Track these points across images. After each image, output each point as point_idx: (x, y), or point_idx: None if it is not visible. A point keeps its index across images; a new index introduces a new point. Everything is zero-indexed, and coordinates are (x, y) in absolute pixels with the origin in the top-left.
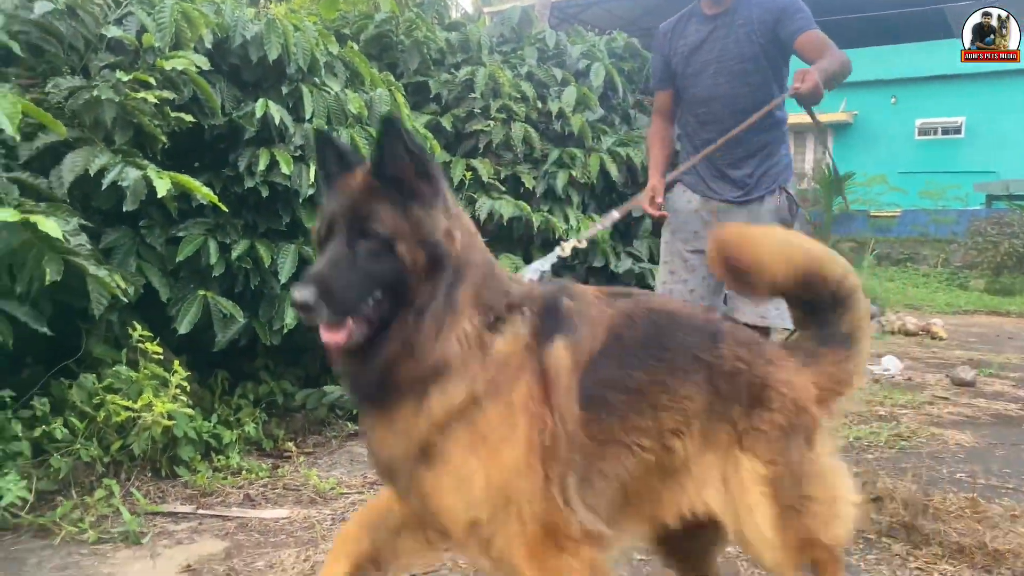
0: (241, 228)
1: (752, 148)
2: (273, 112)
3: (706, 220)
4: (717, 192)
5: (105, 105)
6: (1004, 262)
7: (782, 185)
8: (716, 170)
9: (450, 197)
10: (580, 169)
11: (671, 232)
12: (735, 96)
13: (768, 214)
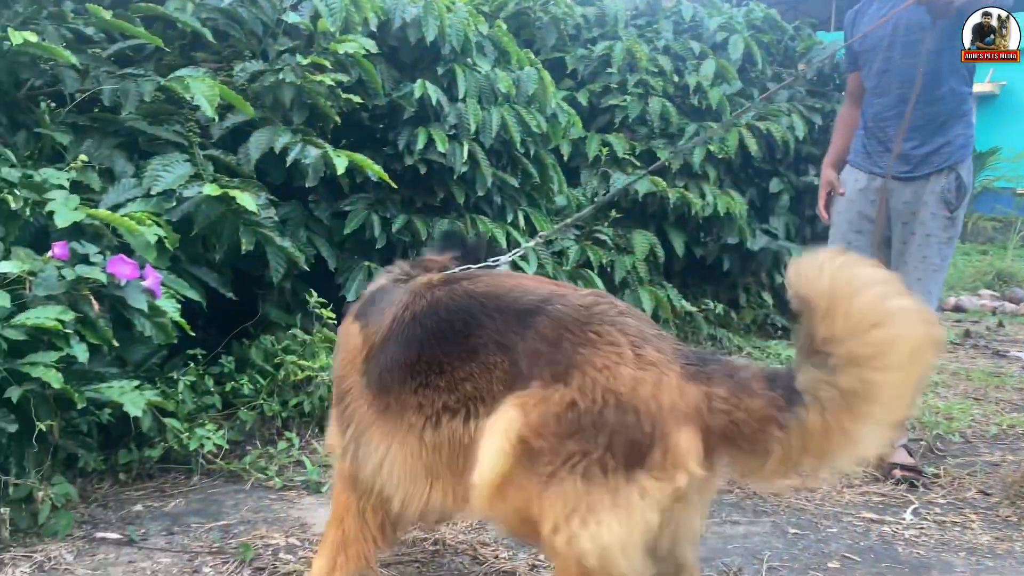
0: (400, 203)
1: (920, 120)
2: (430, 92)
3: (872, 200)
4: (882, 167)
5: (285, 87)
6: None
7: (953, 165)
8: (881, 144)
9: None
10: (718, 144)
11: (837, 213)
12: (907, 67)
13: (932, 194)
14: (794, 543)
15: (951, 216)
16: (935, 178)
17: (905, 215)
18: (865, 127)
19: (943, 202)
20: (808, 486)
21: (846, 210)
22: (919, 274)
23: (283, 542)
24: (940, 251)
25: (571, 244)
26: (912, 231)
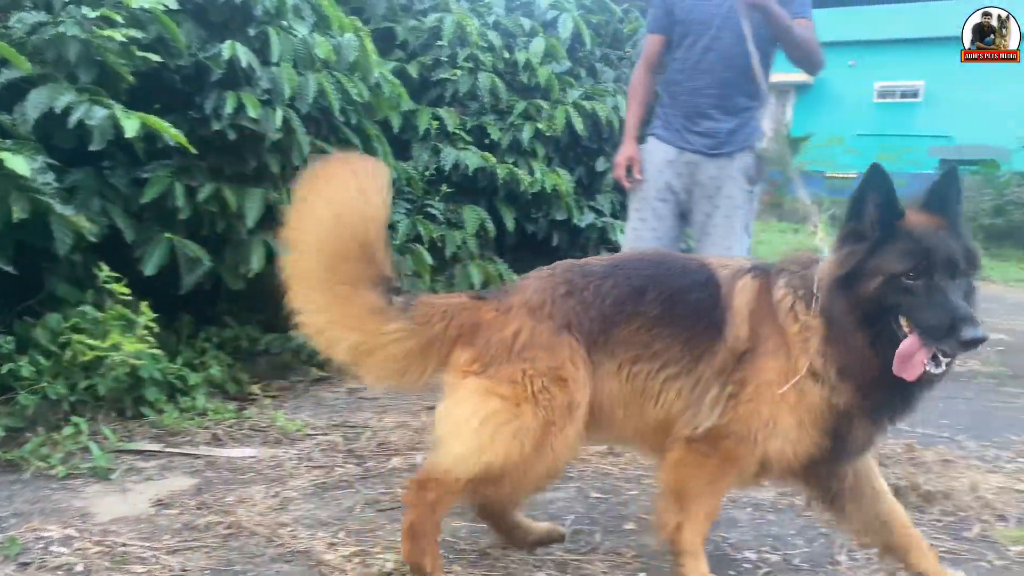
0: (207, 171)
1: (734, 108)
2: (240, 54)
3: (679, 172)
4: (691, 144)
5: (70, 42)
6: None
7: (752, 144)
8: (694, 123)
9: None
10: (546, 122)
11: (645, 181)
12: (733, 54)
13: (737, 171)
14: (595, 507)
15: (752, 190)
16: (739, 156)
17: (710, 189)
18: (675, 101)
19: (746, 177)
20: (614, 452)
21: (653, 180)
22: (728, 243)
23: (58, 534)
24: (745, 223)
25: (402, 218)
26: (717, 204)
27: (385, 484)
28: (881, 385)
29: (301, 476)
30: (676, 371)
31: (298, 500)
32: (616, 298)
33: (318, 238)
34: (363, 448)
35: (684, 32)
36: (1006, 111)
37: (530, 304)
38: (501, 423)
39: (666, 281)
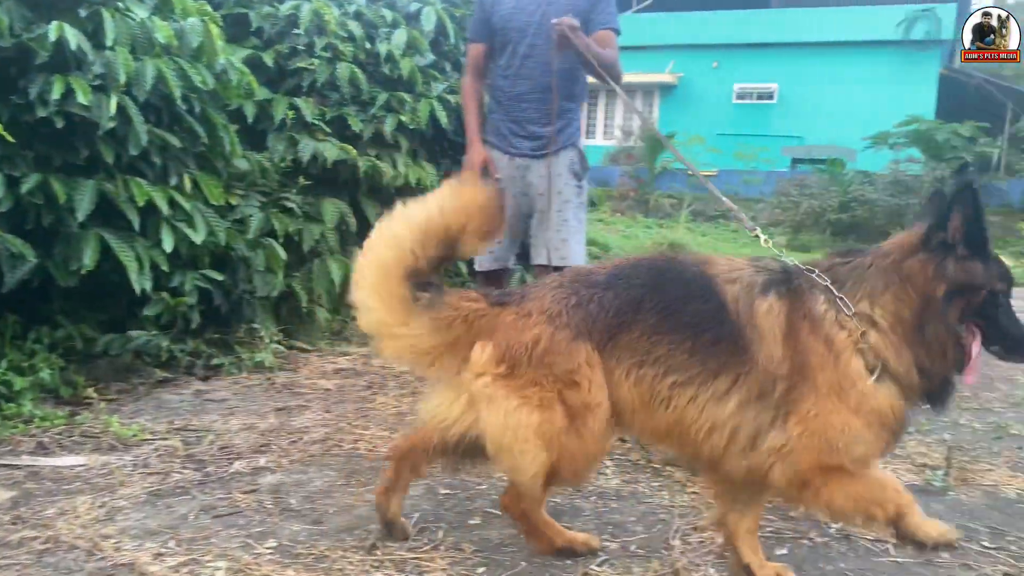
0: (32, 161)
1: (558, 111)
2: (69, 36)
3: (513, 176)
4: (519, 148)
5: None
6: (803, 221)
7: (575, 142)
8: (521, 128)
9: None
10: (409, 115)
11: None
12: (550, 60)
13: (563, 167)
14: (443, 503)
15: (580, 184)
16: (564, 153)
17: (541, 187)
18: (500, 106)
19: (573, 173)
20: None
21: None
22: (564, 235)
23: None
24: (576, 214)
25: (254, 212)
26: (549, 201)
27: (224, 489)
28: (944, 385)
29: (133, 484)
30: (684, 378)
31: (127, 509)
32: (617, 309)
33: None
34: (204, 452)
35: (504, 40)
36: (852, 113)
37: (549, 312)
38: (548, 429)
39: (663, 291)
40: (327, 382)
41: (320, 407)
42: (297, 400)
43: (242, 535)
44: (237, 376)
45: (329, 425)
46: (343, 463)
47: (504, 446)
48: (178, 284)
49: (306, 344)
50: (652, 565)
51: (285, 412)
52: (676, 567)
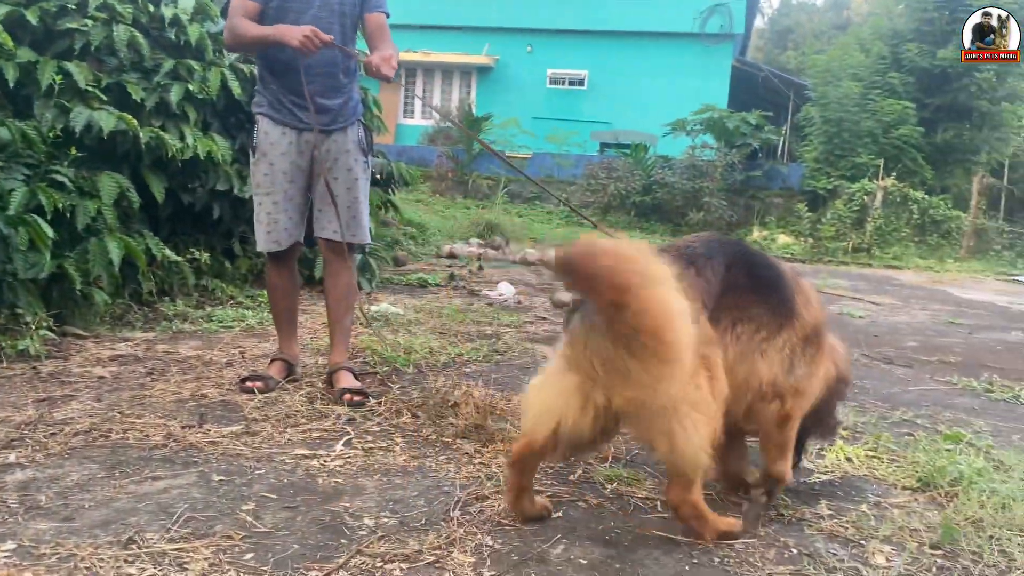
0: None
1: (336, 85)
2: None
3: (302, 150)
4: (305, 122)
5: None
6: (611, 202)
7: (359, 118)
8: (303, 101)
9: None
10: (198, 84)
11: (269, 164)
12: (328, 32)
13: (352, 143)
14: (215, 490)
15: (367, 160)
16: (351, 130)
17: (328, 161)
18: (276, 78)
19: (360, 149)
20: (250, 431)
21: (279, 162)
22: (355, 212)
23: None
24: (363, 189)
25: (18, 186)
26: (336, 176)
27: None
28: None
29: None
30: (766, 333)
31: None
32: (721, 275)
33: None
34: None
35: (282, 8)
36: (654, 101)
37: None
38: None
39: (745, 259)
40: (102, 369)
41: (90, 396)
42: (64, 390)
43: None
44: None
45: (97, 415)
46: (108, 455)
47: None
48: None
49: (82, 330)
50: (428, 538)
51: (47, 403)
52: (452, 537)
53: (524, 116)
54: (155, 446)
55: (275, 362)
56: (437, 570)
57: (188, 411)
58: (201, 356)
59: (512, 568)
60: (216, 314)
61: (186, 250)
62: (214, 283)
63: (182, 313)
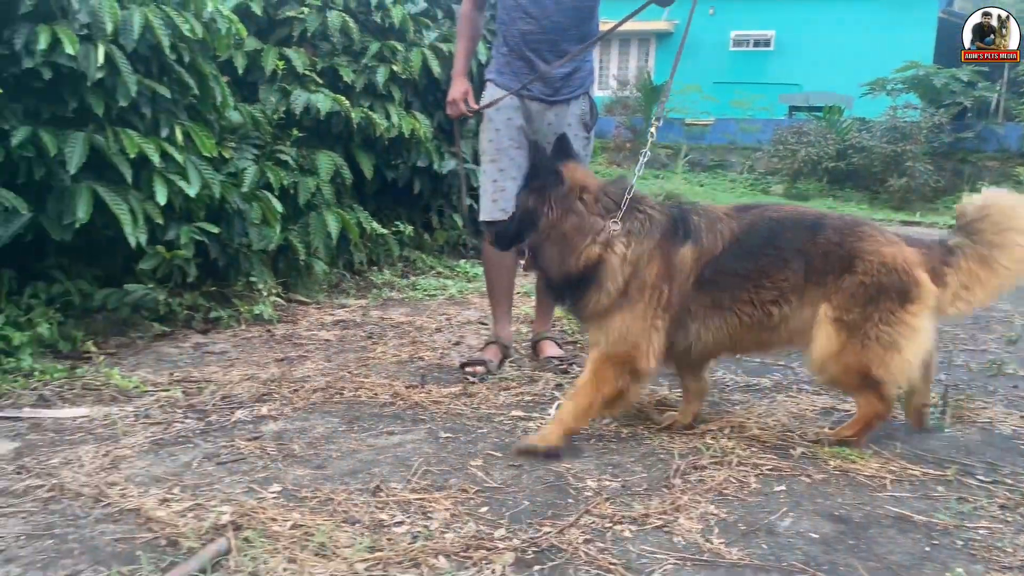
0: (21, 114)
1: (568, 48)
2: None
3: (527, 116)
4: (530, 90)
5: None
6: (801, 169)
7: (587, 90)
8: (530, 68)
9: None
10: (402, 64)
11: (495, 130)
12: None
13: (573, 116)
14: (444, 446)
15: (588, 136)
16: (574, 103)
17: (549, 135)
18: (508, 45)
19: (582, 124)
20: (468, 393)
21: (505, 127)
22: None
23: None
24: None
25: (248, 165)
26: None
27: (227, 437)
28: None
29: (136, 434)
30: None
31: (131, 458)
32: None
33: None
34: (205, 402)
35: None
36: (850, 60)
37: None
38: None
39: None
40: (327, 333)
41: (321, 357)
42: (297, 351)
43: (246, 481)
44: (236, 329)
45: (329, 374)
46: (345, 410)
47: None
48: (174, 238)
49: (304, 297)
50: (653, 502)
51: (286, 362)
52: (677, 503)
53: (705, 81)
54: (384, 403)
55: (490, 345)
56: (666, 534)
57: (409, 372)
58: (412, 322)
59: (742, 537)
60: (420, 283)
61: (390, 223)
62: (415, 254)
63: (389, 282)
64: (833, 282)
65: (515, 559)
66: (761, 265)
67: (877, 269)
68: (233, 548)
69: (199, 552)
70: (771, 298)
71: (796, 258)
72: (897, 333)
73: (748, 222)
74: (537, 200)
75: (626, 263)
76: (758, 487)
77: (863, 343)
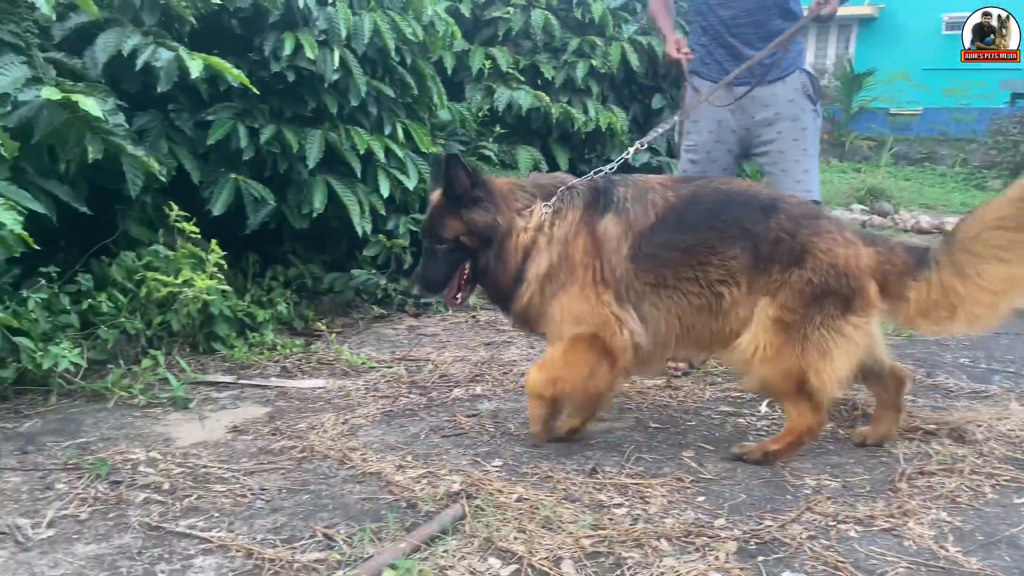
0: (268, 113)
1: (770, 33)
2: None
3: (732, 108)
4: (738, 79)
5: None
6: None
7: (800, 66)
8: (734, 54)
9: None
10: (600, 59)
11: (694, 121)
12: None
13: (795, 91)
14: (654, 436)
15: (815, 108)
16: (791, 79)
17: (769, 116)
18: (706, 32)
19: (807, 96)
20: (672, 386)
21: (706, 121)
22: (805, 165)
23: (143, 456)
24: (814, 142)
25: None
26: (780, 131)
27: (449, 413)
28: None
29: (368, 405)
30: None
31: (366, 427)
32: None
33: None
34: (426, 380)
35: None
36: None
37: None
38: None
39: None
40: None
41: (524, 344)
42: (502, 336)
43: (470, 453)
44: (444, 314)
45: (534, 360)
46: None
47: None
48: (393, 227)
49: None
50: (878, 504)
51: (493, 347)
52: (905, 508)
53: (913, 69)
54: None
55: None
56: (895, 537)
57: None
58: None
59: (980, 548)
60: None
61: None
62: None
63: None
64: (779, 274)
65: (738, 548)
66: (706, 239)
67: (827, 269)
68: (467, 514)
69: (439, 515)
70: (719, 277)
71: (744, 238)
72: (833, 342)
73: (689, 193)
74: (470, 213)
75: (554, 242)
76: (995, 497)
77: (802, 347)
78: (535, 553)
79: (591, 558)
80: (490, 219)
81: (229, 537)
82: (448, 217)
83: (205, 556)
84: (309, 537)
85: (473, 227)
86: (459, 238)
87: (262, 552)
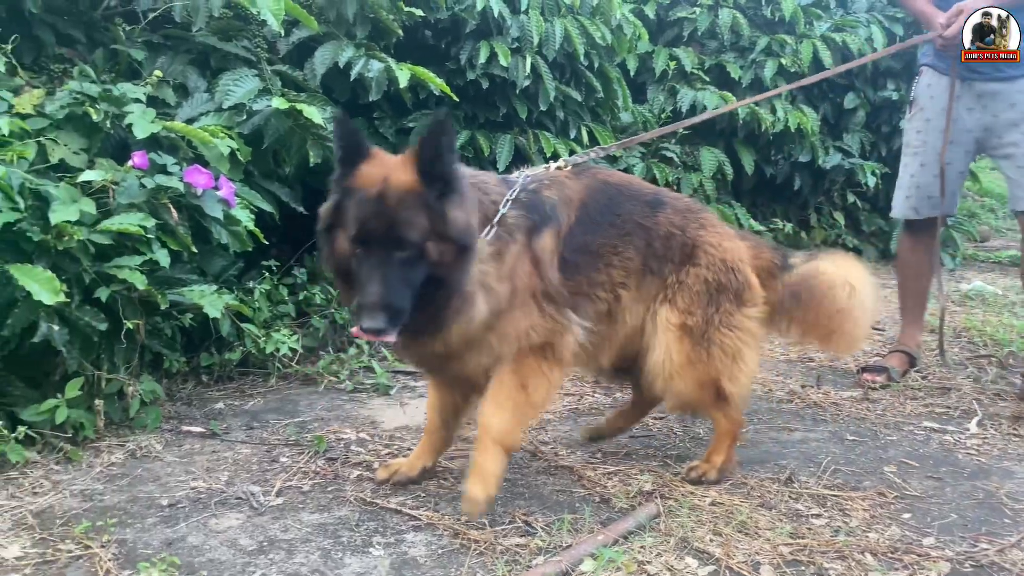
0: (462, 119)
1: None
2: (492, 4)
3: (970, 106)
4: (979, 71)
5: (348, 1)
6: None
7: None
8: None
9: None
10: (790, 57)
11: (925, 119)
12: None
13: None
14: (852, 448)
15: None
16: None
17: (1015, 116)
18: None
19: None
20: (869, 398)
21: (937, 118)
22: None
23: (354, 437)
24: None
25: (636, 162)
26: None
27: None
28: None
29: (555, 402)
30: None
31: (555, 422)
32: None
33: None
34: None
35: None
36: None
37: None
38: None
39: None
40: None
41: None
42: None
43: (659, 456)
44: None
45: None
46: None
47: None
48: None
49: None
50: None
51: None
52: None
53: None
54: (781, 400)
55: (895, 353)
56: None
57: (800, 371)
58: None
59: None
60: None
61: (767, 220)
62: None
63: None
64: (673, 273)
65: (951, 570)
66: (608, 238)
67: (719, 265)
68: (662, 513)
69: (634, 512)
70: (620, 279)
71: (638, 233)
72: (738, 339)
73: (587, 186)
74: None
75: (503, 279)
76: None
77: (709, 352)
78: (732, 556)
79: (791, 565)
80: (471, 222)
81: (436, 516)
82: (417, 211)
83: (416, 532)
84: (509, 523)
85: (451, 230)
86: (425, 244)
87: (467, 533)
